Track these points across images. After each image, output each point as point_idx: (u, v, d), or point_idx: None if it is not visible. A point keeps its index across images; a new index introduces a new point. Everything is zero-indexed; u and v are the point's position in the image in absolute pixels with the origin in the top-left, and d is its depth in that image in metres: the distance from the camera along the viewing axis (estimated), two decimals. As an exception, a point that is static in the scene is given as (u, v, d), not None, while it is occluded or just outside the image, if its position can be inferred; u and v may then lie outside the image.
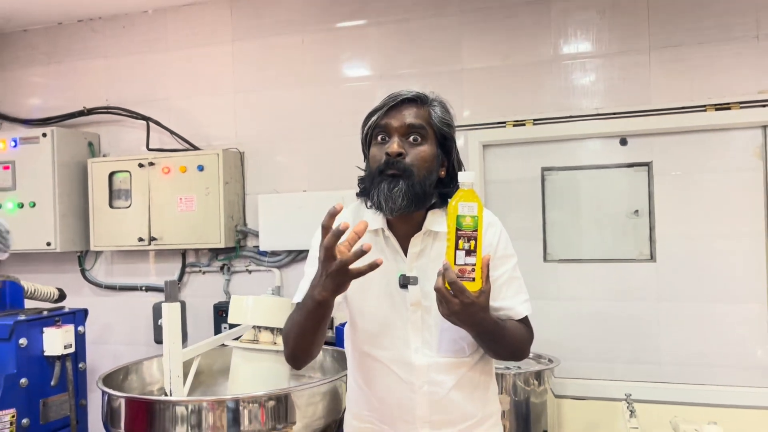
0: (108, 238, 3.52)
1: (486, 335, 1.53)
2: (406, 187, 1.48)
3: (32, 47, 3.90)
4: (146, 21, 3.69)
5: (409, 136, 1.53)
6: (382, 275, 1.55)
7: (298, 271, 3.38)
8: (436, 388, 1.58)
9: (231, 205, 3.39)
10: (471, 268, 1.40)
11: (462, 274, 1.39)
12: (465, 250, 1.39)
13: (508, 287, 1.61)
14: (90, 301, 3.68)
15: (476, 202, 1.40)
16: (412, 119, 1.53)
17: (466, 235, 1.39)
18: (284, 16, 3.44)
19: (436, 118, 1.55)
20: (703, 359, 2.82)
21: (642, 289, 2.90)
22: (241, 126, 3.52)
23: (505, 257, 1.62)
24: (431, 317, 1.56)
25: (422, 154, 1.53)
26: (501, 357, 1.65)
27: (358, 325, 1.63)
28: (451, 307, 1.41)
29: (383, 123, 1.54)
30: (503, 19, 3.10)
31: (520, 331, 1.61)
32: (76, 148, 3.64)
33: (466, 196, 1.40)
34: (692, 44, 2.84)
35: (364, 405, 1.66)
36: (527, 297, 1.63)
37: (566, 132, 2.99)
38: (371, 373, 1.62)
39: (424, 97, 1.57)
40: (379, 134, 1.55)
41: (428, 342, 1.58)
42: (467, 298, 1.39)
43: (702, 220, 2.84)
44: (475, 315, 1.43)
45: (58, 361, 2.77)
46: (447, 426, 1.59)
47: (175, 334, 1.90)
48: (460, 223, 1.40)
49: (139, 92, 3.68)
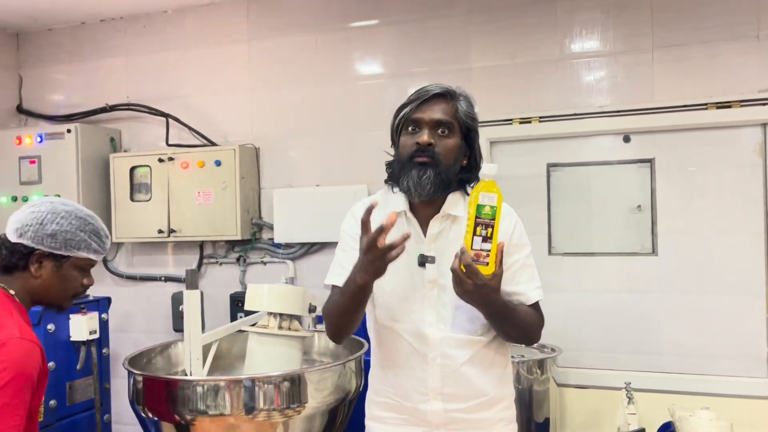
0: (129, 230, 3.66)
1: (496, 315, 1.66)
2: (433, 175, 1.63)
3: (56, 46, 4.04)
4: (166, 20, 3.82)
5: (438, 128, 1.67)
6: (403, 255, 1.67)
7: (311, 262, 3.50)
8: (448, 362, 1.69)
9: (247, 198, 3.52)
10: (486, 253, 1.54)
11: (477, 258, 1.53)
12: (482, 236, 1.53)
13: (521, 274, 1.74)
14: (111, 290, 3.80)
15: (496, 193, 1.54)
16: (440, 115, 1.67)
17: (484, 223, 1.53)
18: (299, 16, 3.55)
19: (462, 112, 1.70)
20: (702, 350, 2.90)
21: (644, 282, 2.99)
22: (256, 123, 3.64)
23: (520, 245, 1.75)
24: (446, 295, 1.69)
25: (449, 146, 1.67)
26: (512, 338, 1.77)
27: (380, 300, 1.76)
28: (465, 287, 1.55)
29: (414, 116, 1.68)
30: (510, 19, 3.19)
31: (531, 315, 1.75)
32: (98, 143, 3.78)
33: (487, 187, 1.54)
34: (694, 44, 2.92)
35: (383, 380, 1.79)
36: (539, 284, 1.76)
37: (571, 129, 3.07)
38: (390, 345, 1.75)
39: (452, 93, 1.72)
40: (409, 125, 1.69)
41: (443, 317, 1.70)
42: (480, 280, 1.54)
43: (703, 215, 2.91)
44: (486, 296, 1.57)
45: (84, 346, 2.92)
46: (458, 400, 1.71)
47: (195, 320, 2.03)
48: (480, 211, 1.53)
49: (159, 89, 3.81)
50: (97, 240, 1.69)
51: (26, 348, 1.51)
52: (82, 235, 1.65)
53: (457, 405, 1.71)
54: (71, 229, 1.63)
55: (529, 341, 1.81)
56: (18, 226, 1.63)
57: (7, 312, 1.57)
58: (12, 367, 1.46)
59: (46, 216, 1.62)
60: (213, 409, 2.00)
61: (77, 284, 1.70)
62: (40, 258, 1.63)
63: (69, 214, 1.65)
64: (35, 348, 1.55)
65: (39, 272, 1.64)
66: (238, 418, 2.02)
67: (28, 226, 1.61)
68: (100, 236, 1.70)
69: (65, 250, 1.63)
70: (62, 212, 1.65)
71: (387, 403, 1.78)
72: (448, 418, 1.70)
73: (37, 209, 1.64)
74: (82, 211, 1.69)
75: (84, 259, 1.68)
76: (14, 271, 1.64)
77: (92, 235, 1.68)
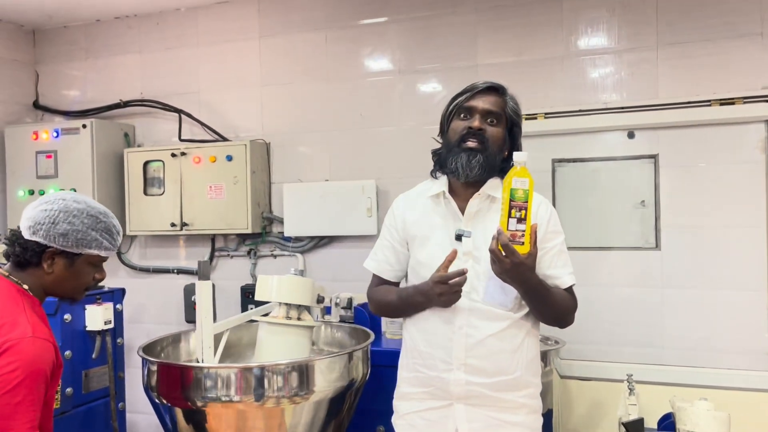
0: (142, 224, 3.74)
1: (532, 293, 1.78)
2: (482, 159, 1.80)
3: (72, 43, 4.12)
4: (178, 18, 3.89)
5: (487, 118, 1.84)
6: (441, 231, 1.89)
7: (320, 255, 3.56)
8: (473, 331, 1.79)
9: (257, 193, 3.58)
10: (521, 233, 1.66)
11: (513, 239, 1.66)
12: (516, 218, 1.66)
13: (558, 258, 1.86)
14: (125, 282, 3.88)
15: (528, 178, 1.66)
16: (491, 106, 1.84)
17: (518, 206, 1.65)
18: (309, 13, 3.60)
19: (509, 107, 1.89)
20: (704, 344, 2.94)
21: (647, 276, 3.03)
22: (267, 118, 3.70)
23: (556, 232, 1.88)
24: (480, 266, 1.81)
25: (496, 134, 1.85)
26: (546, 318, 1.88)
27: (418, 272, 1.90)
28: (503, 265, 1.69)
29: (468, 104, 1.85)
30: (517, 17, 3.23)
31: (565, 298, 1.86)
32: (112, 138, 3.85)
33: (520, 173, 1.67)
34: (698, 41, 2.95)
35: (411, 354, 1.90)
36: (572, 270, 1.88)
37: (576, 125, 3.11)
38: (422, 316, 1.87)
39: (502, 88, 1.90)
40: (462, 112, 1.86)
41: (476, 287, 1.81)
42: (517, 258, 1.67)
43: (705, 210, 2.95)
44: (523, 273, 1.70)
45: (99, 336, 3.00)
46: (481, 374, 1.79)
47: (207, 310, 2.10)
48: (514, 195, 1.66)
49: (172, 86, 3.89)
50: (108, 238, 1.72)
51: (39, 347, 1.55)
52: (93, 234, 1.67)
53: (480, 379, 1.78)
54: (83, 228, 1.65)
55: (562, 322, 1.91)
56: (31, 224, 1.66)
57: (20, 309, 1.61)
58: (24, 367, 1.50)
59: (59, 215, 1.64)
60: (224, 396, 2.07)
61: (89, 279, 1.75)
62: (52, 255, 1.66)
63: (81, 212, 1.67)
64: (48, 346, 1.59)
65: (51, 268, 1.67)
66: (248, 405, 2.09)
67: (40, 225, 1.64)
68: (111, 234, 1.73)
69: (77, 248, 1.66)
70: (74, 210, 1.66)
71: (414, 377, 1.88)
72: (470, 391, 1.79)
73: (49, 207, 1.66)
74: (94, 209, 1.71)
75: (95, 255, 1.71)
76: (27, 267, 1.68)
77: (104, 233, 1.70)
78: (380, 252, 2.02)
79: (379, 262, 2.02)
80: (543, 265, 1.82)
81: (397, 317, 2.08)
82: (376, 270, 2.03)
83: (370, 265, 2.04)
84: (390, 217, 2.02)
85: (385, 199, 3.40)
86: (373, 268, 2.04)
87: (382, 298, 2.00)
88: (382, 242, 2.02)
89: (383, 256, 2.01)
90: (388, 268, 2.01)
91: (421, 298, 1.83)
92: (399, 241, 1.97)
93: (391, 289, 1.99)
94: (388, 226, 2.02)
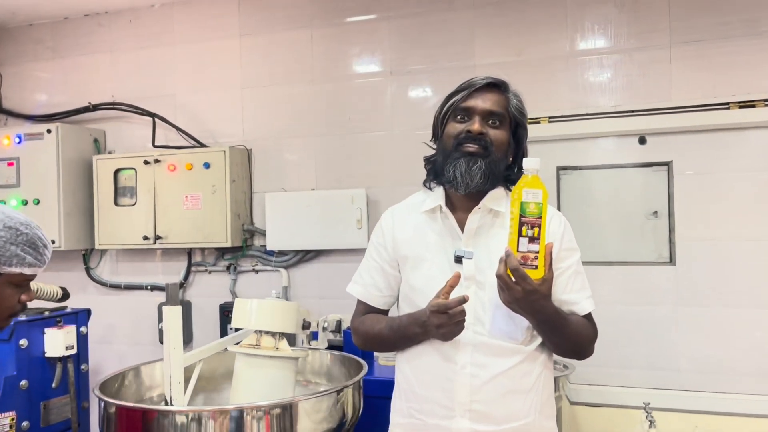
0: (113, 237, 3.46)
1: (547, 324, 1.51)
2: (484, 165, 1.54)
3: (37, 42, 3.84)
4: (153, 15, 3.63)
5: (489, 119, 1.58)
6: (437, 251, 1.61)
7: (306, 271, 3.31)
8: (479, 371, 1.52)
9: (238, 203, 3.32)
10: (534, 255, 1.40)
11: (524, 261, 1.40)
12: (528, 237, 1.39)
13: (574, 280, 1.60)
14: (95, 299, 3.63)
15: (541, 189, 1.40)
16: (493, 105, 1.59)
17: (529, 222, 1.39)
18: (293, 10, 3.36)
19: (513, 106, 1.62)
20: (724, 366, 2.72)
21: (661, 293, 2.81)
22: (248, 122, 3.45)
23: (571, 250, 1.62)
24: (485, 293, 1.55)
25: (500, 137, 1.59)
26: (562, 351, 1.62)
27: (412, 300, 1.63)
28: (513, 293, 1.42)
29: (465, 105, 1.59)
30: (517, 13, 3.01)
31: (584, 326, 1.60)
32: (81, 144, 3.58)
33: (531, 183, 1.40)
34: (715, 39, 2.74)
35: (406, 396, 1.63)
36: (590, 293, 1.62)
37: (582, 130, 2.90)
38: (416, 351, 1.60)
39: (504, 84, 1.63)
40: (459, 114, 1.61)
41: (480, 319, 1.55)
42: (529, 285, 1.40)
43: (724, 222, 2.73)
44: (536, 302, 1.44)
45: (60, 363, 2.72)
46: (488, 421, 1.52)
47: (176, 339, 1.83)
48: (524, 209, 1.39)
49: (145, 87, 3.62)
50: (32, 252, 1.47)
51: None
52: (12, 248, 1.43)
53: (488, 427, 1.51)
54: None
55: (581, 354, 1.65)
56: None
57: None
58: None
59: None
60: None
61: (13, 302, 1.49)
62: None
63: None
64: None
65: None
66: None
67: None
68: (36, 247, 1.48)
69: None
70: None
71: (410, 424, 1.60)
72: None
73: None
74: (13, 219, 1.47)
75: (17, 274, 1.46)
76: None
77: (26, 248, 1.46)
78: (366, 274, 1.72)
79: (365, 287, 1.72)
80: (557, 289, 1.54)
81: (388, 351, 1.77)
82: (362, 296, 1.72)
83: (354, 290, 1.74)
84: (378, 234, 1.73)
85: (376, 210, 3.16)
86: (359, 293, 1.73)
87: (369, 329, 1.69)
88: (369, 263, 1.73)
89: (370, 280, 1.71)
90: (376, 293, 1.71)
91: (417, 329, 1.55)
92: (389, 261, 1.69)
93: (380, 318, 1.70)
94: (375, 245, 1.73)
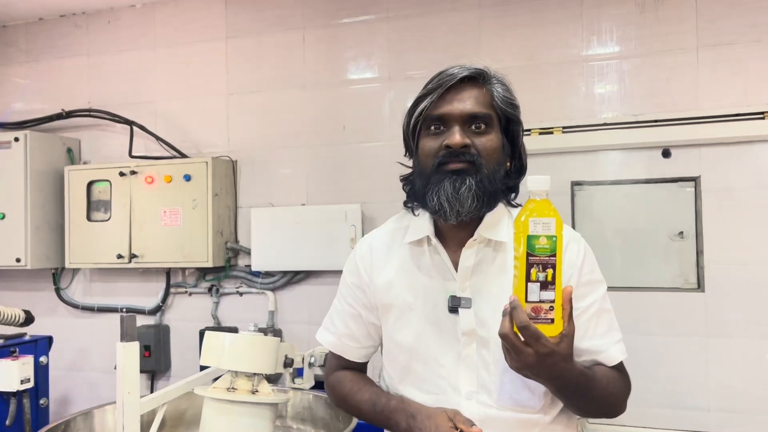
0: (85, 255, 3.17)
1: (569, 390, 1.18)
2: (475, 185, 1.21)
3: (10, 44, 3.58)
4: (133, 16, 3.36)
5: (471, 123, 1.25)
6: (426, 297, 1.27)
7: (294, 293, 3.02)
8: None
9: (221, 219, 3.04)
10: (549, 306, 1.06)
11: (536, 315, 1.06)
12: (540, 282, 1.05)
13: (597, 323, 1.26)
14: (66, 322, 3.35)
15: (554, 217, 1.05)
16: (473, 106, 1.24)
17: (541, 262, 1.04)
18: (283, 11, 3.10)
19: (498, 98, 1.27)
20: (758, 405, 2.44)
21: (687, 323, 2.52)
22: (234, 131, 3.17)
23: (593, 283, 1.27)
24: (489, 352, 1.23)
25: (489, 145, 1.24)
26: (587, 414, 1.29)
27: (394, 360, 1.32)
28: (524, 358, 1.08)
29: (439, 112, 1.26)
30: (528, 14, 2.75)
31: (614, 380, 1.27)
32: (52, 154, 3.30)
33: (539, 209, 1.05)
34: (746, 42, 2.48)
35: None
36: (620, 336, 1.29)
37: (600, 141, 2.63)
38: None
39: (483, 74, 1.27)
40: (432, 124, 1.27)
41: (485, 385, 1.24)
42: (544, 346, 1.06)
43: (758, 243, 2.46)
44: (554, 366, 1.09)
45: (14, 398, 2.41)
46: None
47: (131, 382, 1.54)
48: (533, 245, 1.04)
49: (124, 93, 3.35)
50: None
51: None
52: None
53: None
54: None
55: (611, 415, 1.30)
56: None
57: None
58: None
59: None
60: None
61: None
62: None
63: None
64: None
65: None
66: None
67: None
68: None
69: None
70: None
71: None
72: None
73: None
74: None
75: None
76: None
77: None
78: (340, 322, 1.42)
79: (339, 337, 1.42)
80: (577, 335, 1.18)
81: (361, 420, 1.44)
82: (336, 348, 1.43)
83: (325, 339, 1.45)
84: (353, 272, 1.40)
85: (372, 227, 2.85)
86: (331, 344, 1.44)
87: (347, 395, 1.39)
88: (344, 307, 1.41)
89: (344, 329, 1.41)
90: (352, 345, 1.41)
91: (402, 423, 1.24)
92: (367, 306, 1.38)
93: (362, 387, 1.38)
94: (351, 286, 1.40)
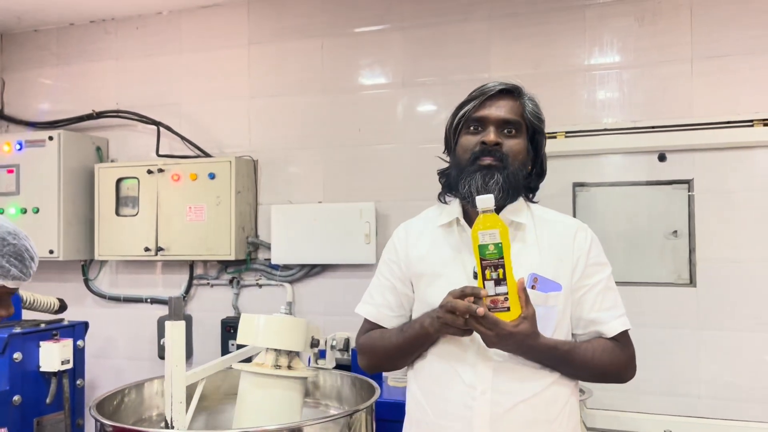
0: (113, 247, 3.36)
1: (545, 360, 1.42)
2: (502, 179, 1.46)
3: (42, 48, 3.77)
4: (160, 22, 3.56)
5: (504, 128, 1.51)
6: (454, 266, 1.51)
7: (311, 286, 3.20)
8: (500, 398, 1.40)
9: (242, 215, 3.23)
10: (504, 297, 1.33)
11: (495, 305, 1.33)
12: (493, 279, 1.33)
13: (603, 298, 1.50)
14: (93, 312, 3.53)
15: (497, 228, 1.32)
16: (507, 113, 1.51)
17: (492, 264, 1.33)
18: (303, 19, 3.29)
19: (529, 111, 1.55)
20: (747, 393, 2.61)
21: (681, 316, 2.70)
22: (255, 133, 3.36)
23: (599, 265, 1.53)
24: None
25: (517, 147, 1.50)
26: (583, 379, 1.53)
27: None
28: (489, 339, 1.35)
29: (478, 114, 1.51)
30: (534, 26, 2.93)
31: (608, 351, 1.47)
32: (83, 152, 3.49)
33: (485, 223, 1.33)
34: (739, 54, 2.66)
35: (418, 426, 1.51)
36: (623, 311, 1.52)
37: (600, 146, 2.81)
38: (431, 376, 1.49)
39: (518, 90, 1.56)
40: (471, 125, 1.53)
41: None
42: (502, 329, 1.32)
43: (747, 242, 2.63)
44: (521, 343, 1.36)
45: (55, 378, 2.60)
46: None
47: (178, 356, 1.72)
48: (483, 252, 1.33)
49: (151, 96, 3.54)
50: (18, 264, 1.38)
51: None
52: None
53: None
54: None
55: (613, 380, 1.52)
56: None
57: None
58: None
59: None
60: (196, 465, 1.69)
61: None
62: None
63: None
64: None
65: None
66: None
67: None
68: (22, 259, 1.39)
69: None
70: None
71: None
72: None
73: None
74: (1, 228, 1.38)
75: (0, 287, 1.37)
76: None
77: (12, 259, 1.36)
78: (378, 294, 1.62)
79: (377, 307, 1.62)
80: (584, 308, 1.48)
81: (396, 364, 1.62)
82: (374, 317, 1.62)
83: (365, 310, 1.64)
84: (390, 251, 1.65)
85: (385, 224, 3.06)
86: (371, 314, 1.62)
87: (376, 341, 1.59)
88: (381, 281, 1.63)
89: (382, 300, 1.61)
90: (388, 314, 1.61)
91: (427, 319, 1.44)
92: (401, 279, 1.60)
93: (389, 329, 1.60)
94: (388, 262, 1.64)
